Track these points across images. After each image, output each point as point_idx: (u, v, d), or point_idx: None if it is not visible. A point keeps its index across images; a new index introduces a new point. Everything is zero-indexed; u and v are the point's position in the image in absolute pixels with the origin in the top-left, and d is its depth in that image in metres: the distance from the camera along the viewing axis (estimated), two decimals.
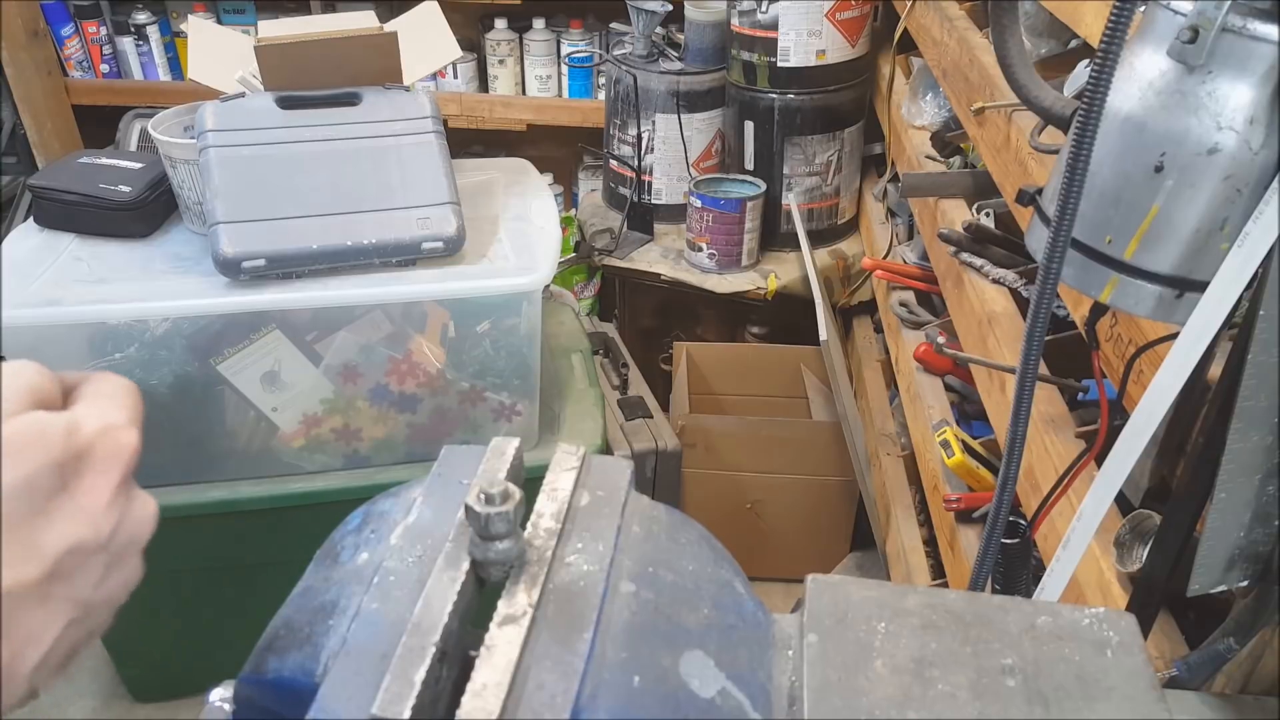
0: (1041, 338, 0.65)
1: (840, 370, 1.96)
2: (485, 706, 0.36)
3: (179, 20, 3.01)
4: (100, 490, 0.39)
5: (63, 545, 0.37)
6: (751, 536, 2.15)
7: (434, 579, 0.42)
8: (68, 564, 0.38)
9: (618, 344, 2.21)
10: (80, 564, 0.38)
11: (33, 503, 0.36)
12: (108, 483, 0.39)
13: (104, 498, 0.39)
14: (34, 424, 0.38)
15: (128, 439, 0.41)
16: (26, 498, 0.36)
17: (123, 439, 0.41)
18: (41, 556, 0.37)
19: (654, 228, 2.40)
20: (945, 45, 1.69)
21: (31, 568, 0.36)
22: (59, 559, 0.37)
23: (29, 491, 0.36)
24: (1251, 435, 0.61)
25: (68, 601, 0.38)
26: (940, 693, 0.43)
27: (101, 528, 0.39)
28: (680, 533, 0.49)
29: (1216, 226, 0.63)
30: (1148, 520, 0.84)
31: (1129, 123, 0.64)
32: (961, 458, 1.32)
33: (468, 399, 1.49)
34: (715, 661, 0.42)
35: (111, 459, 0.40)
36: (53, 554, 0.37)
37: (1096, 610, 0.47)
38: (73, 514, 0.38)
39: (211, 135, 1.37)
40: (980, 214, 1.53)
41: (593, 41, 2.82)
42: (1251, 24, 0.58)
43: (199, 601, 1.58)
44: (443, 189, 1.40)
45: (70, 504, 0.38)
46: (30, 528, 0.36)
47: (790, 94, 2.18)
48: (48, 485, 0.37)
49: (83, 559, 0.38)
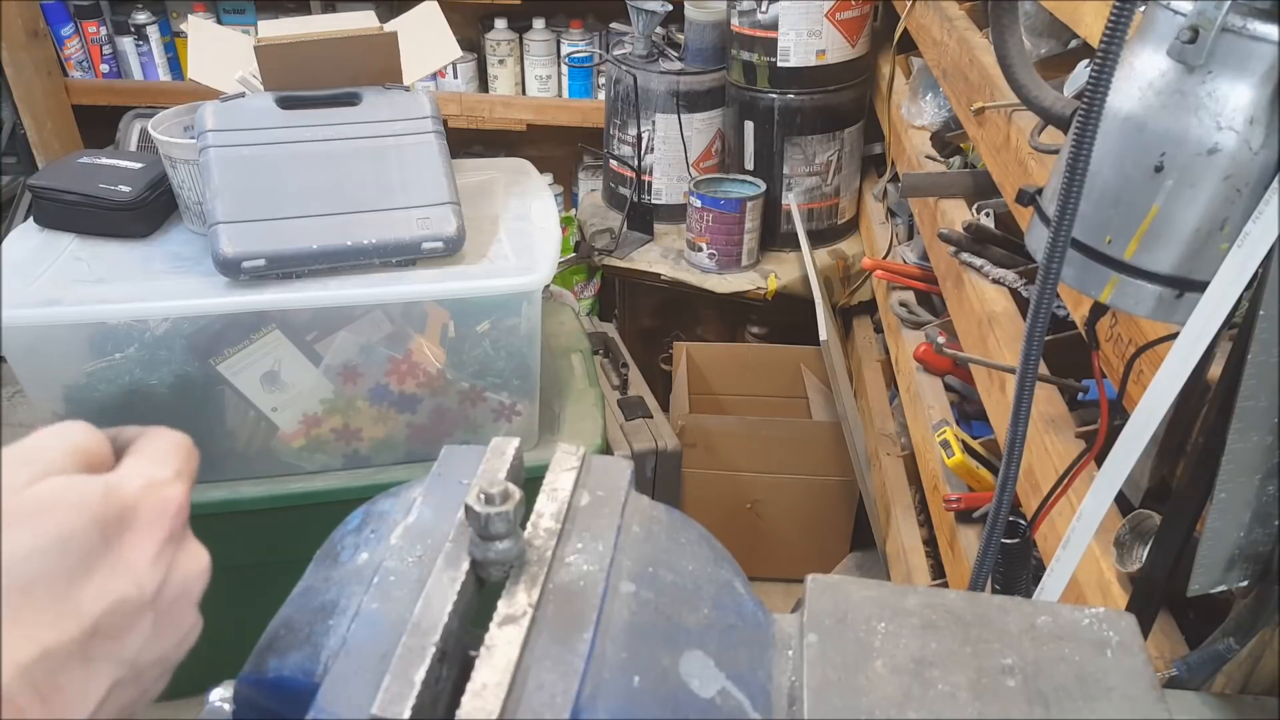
0: (1041, 338, 0.65)
1: (840, 370, 1.96)
2: (485, 706, 0.36)
3: (179, 20, 3.01)
4: (144, 547, 0.38)
5: (103, 603, 0.37)
6: (751, 536, 2.15)
7: (434, 579, 0.42)
8: (110, 622, 0.37)
9: (618, 344, 2.21)
10: (125, 622, 0.38)
11: (68, 562, 0.36)
12: (151, 539, 0.39)
13: (148, 554, 0.38)
14: (70, 485, 0.37)
15: (172, 493, 0.41)
16: (60, 557, 0.36)
17: (167, 494, 0.40)
18: (80, 615, 0.36)
19: (654, 228, 2.40)
20: (945, 45, 1.69)
21: (70, 626, 0.36)
22: (100, 618, 0.37)
23: (63, 551, 0.36)
24: (1251, 435, 0.61)
25: (112, 661, 0.37)
26: (940, 693, 0.43)
27: (146, 584, 0.38)
28: (680, 533, 0.49)
29: (1216, 226, 0.63)
30: (1148, 520, 0.84)
31: (1129, 123, 0.64)
32: (961, 458, 1.32)
33: (468, 399, 1.49)
34: (715, 661, 0.42)
35: (155, 515, 0.39)
36: (93, 612, 0.36)
37: (1096, 610, 0.47)
38: (114, 572, 0.37)
39: (211, 135, 1.37)
40: (980, 214, 1.53)
41: (593, 41, 2.82)
42: (1251, 24, 0.58)
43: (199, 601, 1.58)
44: (443, 189, 1.40)
45: (112, 562, 0.37)
46: (68, 586, 0.36)
47: (790, 94, 2.18)
48: (85, 545, 0.37)
49: (127, 617, 0.38)
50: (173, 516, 0.40)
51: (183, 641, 0.41)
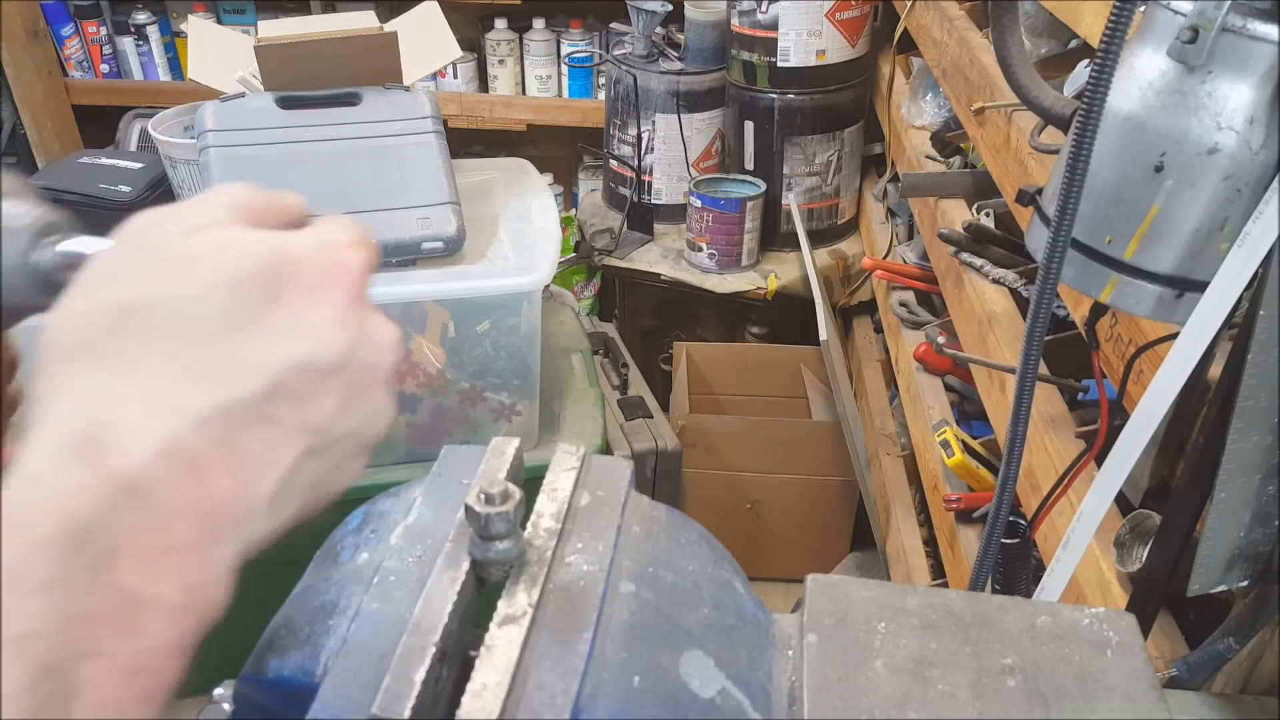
0: (1041, 338, 0.65)
1: (840, 370, 1.96)
2: (485, 706, 0.36)
3: (179, 20, 3.01)
4: (322, 308, 0.35)
5: (282, 362, 0.34)
6: (751, 536, 2.15)
7: (434, 579, 0.42)
8: (293, 384, 0.34)
9: (618, 344, 2.21)
10: (309, 386, 0.35)
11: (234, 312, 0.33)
12: (330, 301, 0.36)
13: (328, 316, 0.35)
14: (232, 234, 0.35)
15: (351, 257, 0.37)
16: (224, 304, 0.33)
17: (345, 256, 0.37)
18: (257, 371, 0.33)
19: (654, 228, 2.40)
20: (945, 45, 1.69)
21: (248, 383, 0.33)
22: (280, 377, 0.34)
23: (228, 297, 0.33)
24: (1251, 435, 0.61)
25: (299, 428, 0.35)
26: (940, 693, 0.43)
27: (329, 348, 0.35)
28: (680, 533, 0.49)
29: (1216, 226, 0.63)
30: (1148, 520, 0.84)
31: (1129, 123, 0.64)
32: (961, 458, 1.32)
33: (468, 399, 1.49)
34: (715, 661, 0.42)
35: (333, 276, 0.36)
36: (271, 370, 0.33)
37: (1096, 610, 0.47)
38: (291, 330, 0.34)
39: (211, 135, 1.37)
40: (980, 214, 1.53)
41: (593, 41, 2.82)
42: (1251, 24, 0.58)
43: None
44: (443, 189, 1.40)
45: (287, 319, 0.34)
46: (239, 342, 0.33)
47: (790, 94, 2.18)
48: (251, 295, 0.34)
49: (311, 381, 0.35)
50: (353, 281, 0.37)
51: (374, 418, 0.38)
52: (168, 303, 0.33)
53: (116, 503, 0.30)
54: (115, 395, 0.32)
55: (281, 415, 0.34)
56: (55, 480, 0.30)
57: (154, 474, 0.31)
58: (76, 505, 0.30)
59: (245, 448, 0.33)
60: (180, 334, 0.33)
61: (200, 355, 0.33)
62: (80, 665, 0.29)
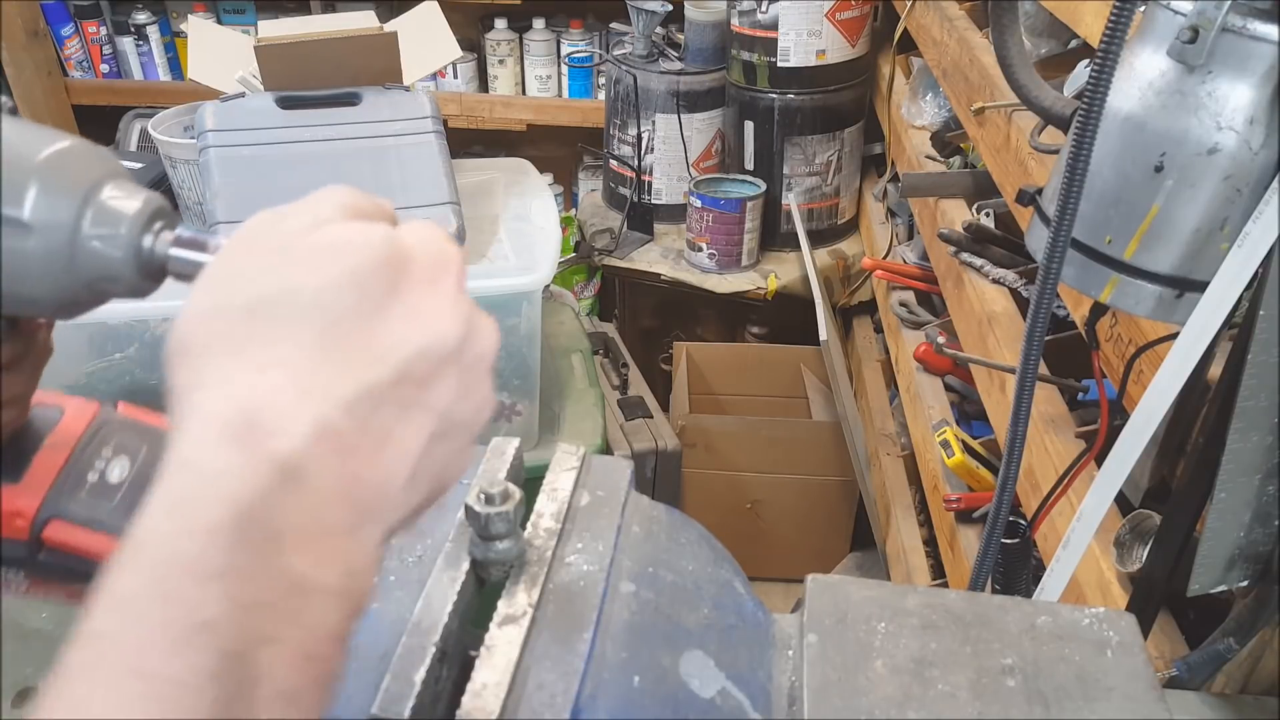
0: (1041, 338, 0.65)
1: (840, 370, 1.96)
2: (485, 706, 0.36)
3: (179, 20, 3.00)
4: (435, 299, 0.36)
5: (407, 349, 0.35)
6: (751, 536, 2.15)
7: (434, 579, 0.42)
8: (418, 370, 0.35)
9: (618, 344, 2.21)
10: (431, 372, 0.36)
11: (364, 300, 0.34)
12: (443, 289, 0.37)
13: (441, 306, 0.36)
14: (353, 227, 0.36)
15: (454, 248, 0.38)
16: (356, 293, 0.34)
17: (450, 248, 0.38)
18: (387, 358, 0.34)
19: (654, 228, 2.40)
20: (945, 45, 1.69)
21: (381, 368, 0.34)
22: (406, 364, 0.35)
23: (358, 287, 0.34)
24: (1251, 435, 0.61)
25: (427, 411, 0.35)
26: (940, 693, 0.43)
27: (446, 335, 0.36)
28: (680, 533, 0.49)
29: (1216, 226, 0.63)
30: (1148, 520, 0.84)
31: (1129, 123, 0.64)
32: (961, 458, 1.32)
33: None
34: (715, 661, 0.42)
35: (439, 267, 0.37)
36: (399, 357, 0.35)
37: (1096, 610, 0.47)
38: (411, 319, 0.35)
39: (211, 135, 1.37)
40: (980, 214, 1.53)
41: (593, 41, 2.82)
42: (1251, 24, 0.58)
43: None
44: (443, 189, 1.40)
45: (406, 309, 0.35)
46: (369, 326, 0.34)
47: (790, 94, 2.18)
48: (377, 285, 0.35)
49: (433, 367, 0.36)
50: (456, 270, 0.38)
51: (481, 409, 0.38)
52: (298, 295, 0.34)
53: (278, 486, 0.31)
54: (263, 382, 0.33)
55: (412, 400, 0.35)
56: (217, 466, 0.31)
57: (310, 456, 0.32)
58: (241, 490, 0.31)
59: (385, 430, 0.34)
60: (313, 324, 0.34)
61: (335, 343, 0.34)
62: (259, 651, 0.30)
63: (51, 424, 0.50)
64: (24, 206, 0.38)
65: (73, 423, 0.50)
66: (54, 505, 0.47)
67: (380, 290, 0.35)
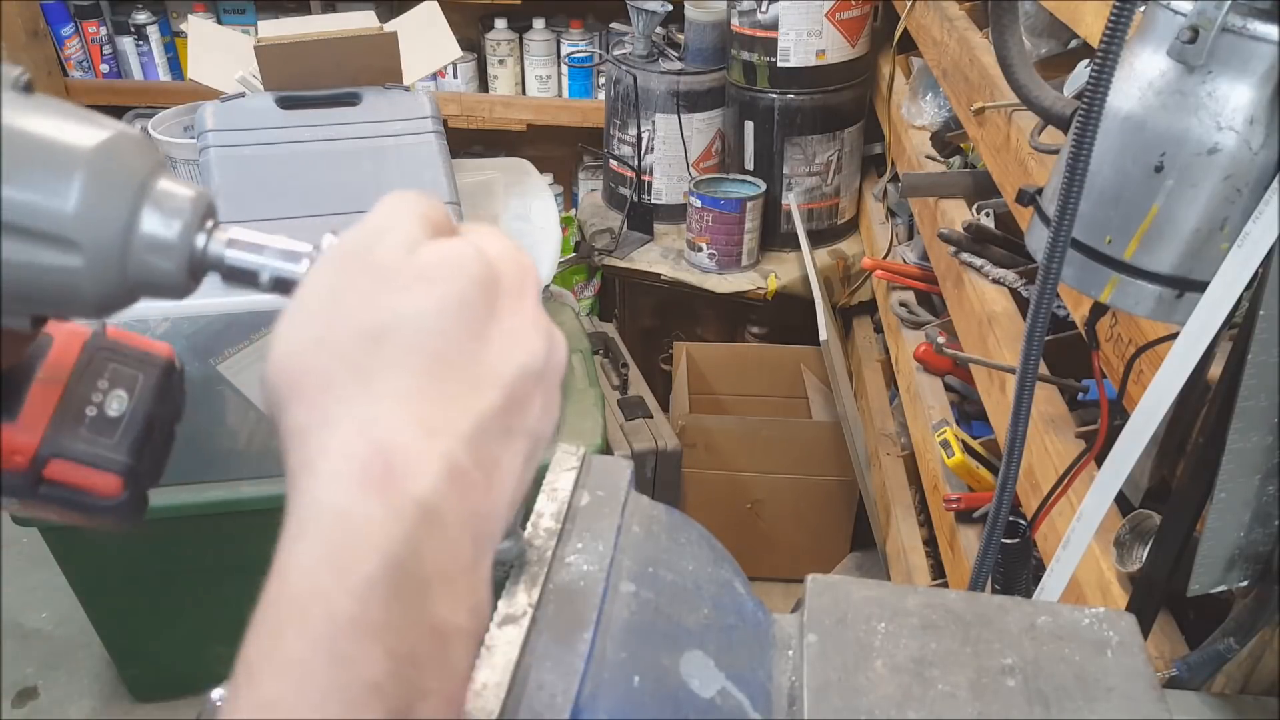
0: (1041, 338, 0.65)
1: (840, 370, 1.96)
2: (485, 706, 0.36)
3: (179, 20, 3.01)
4: (523, 314, 0.35)
5: (511, 370, 0.34)
6: (751, 536, 2.15)
7: None
8: (519, 391, 0.34)
9: (618, 344, 2.21)
10: (527, 392, 0.35)
11: (469, 326, 0.33)
12: (527, 305, 0.36)
13: (529, 320, 0.35)
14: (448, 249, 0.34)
15: (529, 261, 0.37)
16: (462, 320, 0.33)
17: (524, 260, 0.37)
18: (496, 382, 0.33)
19: (654, 228, 2.40)
20: (945, 45, 1.69)
21: (492, 395, 0.33)
22: (511, 386, 0.34)
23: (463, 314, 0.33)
24: (1251, 435, 0.61)
25: (525, 434, 0.35)
26: (940, 693, 0.43)
27: (538, 351, 0.35)
28: (680, 533, 0.49)
29: (1216, 226, 0.63)
30: (1148, 520, 0.84)
31: (1129, 122, 0.64)
32: (961, 458, 1.32)
33: None
34: (715, 661, 0.42)
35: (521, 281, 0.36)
36: (505, 381, 0.34)
37: (1096, 610, 0.47)
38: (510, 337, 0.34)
39: (211, 135, 1.37)
40: (980, 214, 1.53)
41: (593, 41, 2.82)
42: (1251, 24, 0.58)
43: (199, 601, 1.58)
44: (443, 189, 1.40)
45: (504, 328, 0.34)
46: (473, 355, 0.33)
47: (790, 94, 2.18)
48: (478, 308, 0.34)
49: (529, 386, 0.35)
50: (536, 285, 0.37)
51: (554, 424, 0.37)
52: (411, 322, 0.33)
53: (423, 532, 0.30)
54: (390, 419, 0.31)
55: (515, 423, 0.34)
56: (364, 513, 0.30)
57: (443, 496, 0.31)
58: (389, 539, 0.29)
59: (494, 459, 0.33)
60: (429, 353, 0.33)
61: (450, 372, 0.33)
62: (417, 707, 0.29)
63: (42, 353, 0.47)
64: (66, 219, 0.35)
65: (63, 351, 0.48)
66: (53, 442, 0.46)
67: (481, 312, 0.34)
